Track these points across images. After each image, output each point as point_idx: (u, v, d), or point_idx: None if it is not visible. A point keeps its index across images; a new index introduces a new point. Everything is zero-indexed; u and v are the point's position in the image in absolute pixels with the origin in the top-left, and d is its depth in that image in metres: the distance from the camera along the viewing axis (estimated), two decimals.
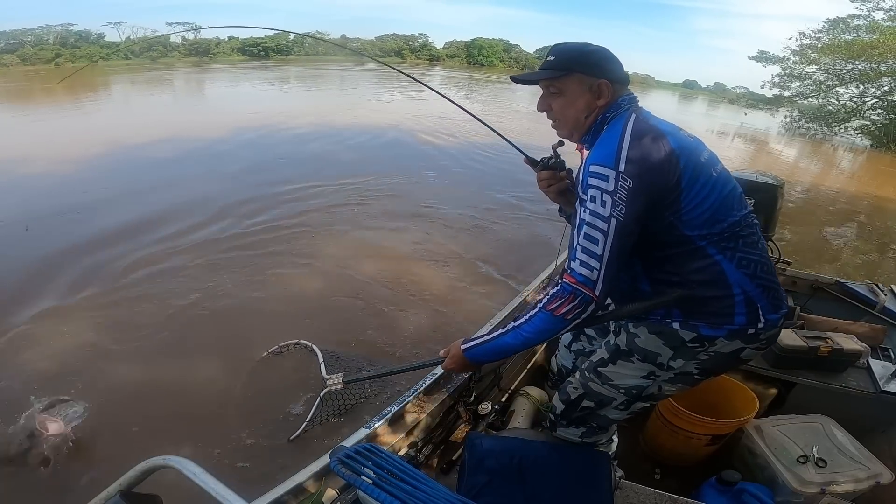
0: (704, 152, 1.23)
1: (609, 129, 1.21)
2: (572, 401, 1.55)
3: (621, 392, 1.44)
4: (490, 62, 59.69)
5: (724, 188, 1.21)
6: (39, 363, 3.03)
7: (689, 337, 1.26)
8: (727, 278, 1.21)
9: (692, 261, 1.21)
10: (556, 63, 1.27)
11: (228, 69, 36.16)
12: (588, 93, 1.26)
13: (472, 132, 10.97)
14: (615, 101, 1.26)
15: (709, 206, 1.17)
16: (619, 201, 1.08)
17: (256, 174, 7.32)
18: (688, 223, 1.17)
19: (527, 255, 5.04)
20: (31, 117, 13.23)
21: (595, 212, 1.10)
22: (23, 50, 37.84)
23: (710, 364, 1.31)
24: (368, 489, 0.94)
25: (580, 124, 1.30)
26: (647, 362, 1.35)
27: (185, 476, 0.91)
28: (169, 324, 3.57)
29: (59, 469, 2.25)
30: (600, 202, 1.09)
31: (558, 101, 1.30)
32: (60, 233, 4.95)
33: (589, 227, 1.10)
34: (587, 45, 1.28)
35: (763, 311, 1.23)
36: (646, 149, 1.12)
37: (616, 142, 1.12)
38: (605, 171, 1.10)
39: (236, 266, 4.46)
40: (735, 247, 1.20)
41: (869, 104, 21.59)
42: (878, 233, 7.72)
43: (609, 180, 1.09)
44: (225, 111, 14.68)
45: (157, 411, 2.69)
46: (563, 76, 1.26)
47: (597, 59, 1.26)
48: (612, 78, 1.26)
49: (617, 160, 1.09)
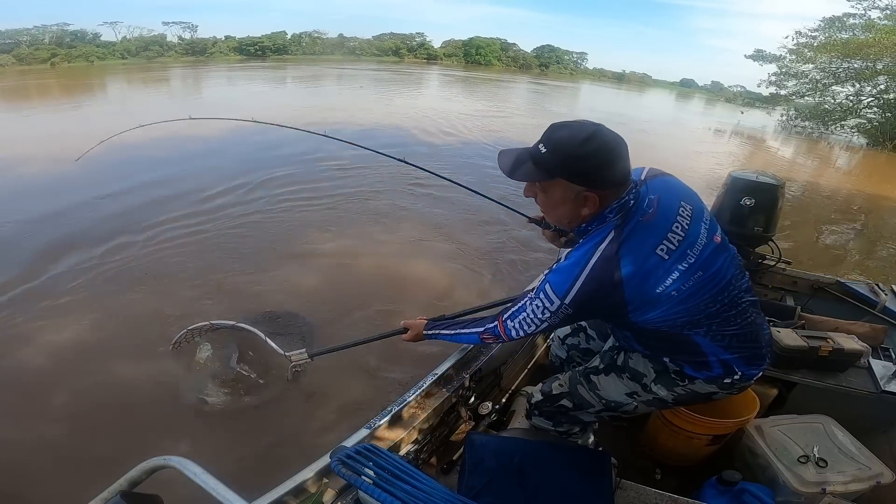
0: (676, 270, 1.17)
1: (583, 246, 1.20)
2: (552, 395, 1.63)
3: (602, 402, 1.52)
4: (488, 61, 59.70)
5: (699, 294, 1.20)
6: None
7: (673, 369, 1.36)
8: (701, 349, 1.28)
9: (667, 338, 1.28)
10: (543, 160, 1.16)
11: (242, 69, 35.98)
12: (573, 200, 1.18)
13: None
14: (602, 213, 1.19)
15: (668, 314, 1.20)
16: (556, 317, 1.23)
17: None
18: (646, 326, 1.24)
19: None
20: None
21: (536, 312, 1.26)
22: (19, 50, 37.62)
23: (685, 398, 1.41)
24: (369, 489, 0.94)
25: (563, 225, 1.35)
26: (634, 381, 1.44)
27: (186, 476, 0.91)
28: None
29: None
30: (542, 311, 1.24)
31: (541, 197, 1.26)
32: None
33: (528, 315, 1.28)
34: (588, 139, 1.11)
35: (740, 369, 1.31)
36: (593, 293, 1.17)
37: (574, 277, 1.17)
38: (553, 298, 1.20)
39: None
40: (707, 327, 1.25)
41: (865, 102, 21.65)
42: (875, 231, 7.75)
43: (553, 304, 1.21)
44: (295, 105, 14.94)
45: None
46: (548, 179, 1.19)
47: (588, 169, 1.13)
48: (603, 187, 1.16)
49: (566, 294, 1.18)
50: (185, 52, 48.04)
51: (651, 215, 1.19)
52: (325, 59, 49.58)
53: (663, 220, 1.19)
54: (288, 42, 54.53)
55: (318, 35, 58.74)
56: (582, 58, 70.06)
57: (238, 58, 49.25)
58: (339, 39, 60.17)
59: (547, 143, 1.15)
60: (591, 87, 46.91)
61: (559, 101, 25.28)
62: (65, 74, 29.66)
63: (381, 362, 3.14)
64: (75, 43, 42.52)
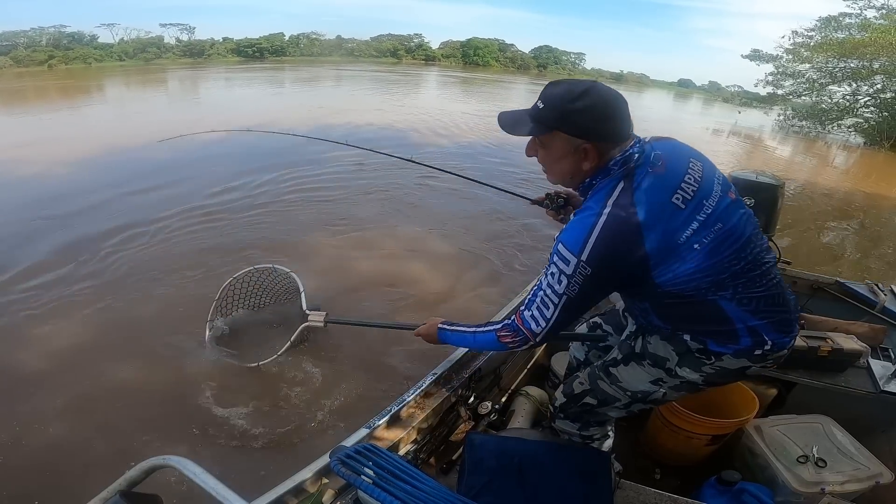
0: (696, 220, 1.14)
1: (591, 201, 1.17)
2: (575, 395, 1.56)
3: (627, 394, 1.44)
4: (486, 62, 59.80)
5: (721, 248, 1.16)
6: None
7: (696, 348, 1.27)
8: (727, 315, 1.21)
9: (690, 305, 1.21)
10: (541, 115, 1.17)
11: (246, 70, 35.94)
12: (573, 154, 1.18)
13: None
14: (606, 166, 1.18)
15: (694, 273, 1.15)
16: (574, 284, 1.14)
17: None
18: (670, 289, 1.18)
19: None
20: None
21: (552, 285, 1.18)
22: (15, 52, 37.58)
23: (716, 377, 1.32)
24: (368, 489, 0.94)
25: (567, 180, 1.28)
26: (657, 367, 1.36)
27: (186, 476, 0.91)
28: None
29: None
30: (558, 279, 1.16)
31: (542, 154, 1.25)
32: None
33: (544, 294, 1.20)
34: (583, 93, 1.12)
35: (770, 337, 1.23)
36: (612, 244, 1.11)
37: (587, 230, 1.11)
38: (569, 256, 1.13)
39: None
40: (734, 288, 1.19)
41: (862, 102, 21.70)
42: (873, 230, 7.77)
43: (570, 264, 1.13)
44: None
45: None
46: (546, 132, 1.19)
47: (585, 120, 1.13)
48: (602, 139, 1.15)
49: (582, 249, 1.11)
50: (182, 54, 48.02)
51: (660, 168, 1.16)
52: (323, 61, 49.58)
53: (673, 173, 1.16)
54: (286, 44, 54.58)
55: (316, 36, 58.83)
56: (580, 58, 70.27)
57: (236, 59, 49.24)
58: (337, 41, 60.25)
59: (544, 99, 1.17)
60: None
61: None
62: (77, 76, 29.83)
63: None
64: (72, 45, 42.50)
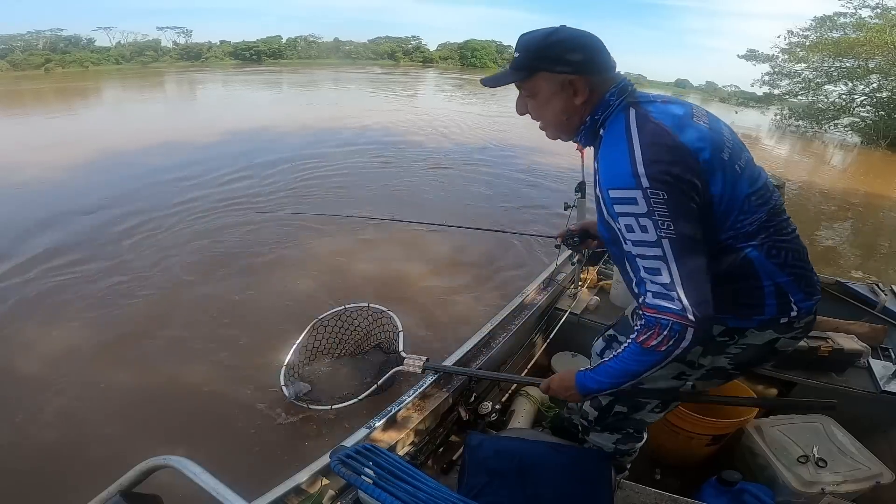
0: (727, 145, 1.07)
1: (609, 136, 1.08)
2: (604, 406, 1.48)
3: (654, 394, 1.38)
4: (483, 63, 59.87)
5: (753, 182, 1.10)
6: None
7: (717, 331, 1.17)
8: (756, 270, 1.10)
9: (718, 257, 1.09)
10: (519, 62, 1.13)
11: (252, 73, 36.19)
12: (561, 91, 1.12)
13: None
14: (602, 99, 1.11)
15: (737, 205, 1.06)
16: (662, 218, 0.95)
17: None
18: (717, 226, 1.07)
19: None
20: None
21: (640, 241, 0.98)
22: (12, 55, 37.55)
23: (745, 357, 1.22)
24: (369, 489, 0.94)
25: (563, 126, 1.19)
26: (678, 362, 1.21)
27: (186, 476, 0.91)
28: None
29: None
30: (639, 228, 0.97)
31: (532, 104, 1.19)
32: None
33: (642, 259, 1.00)
34: (553, 32, 1.10)
35: (795, 300, 1.13)
36: (662, 152, 0.98)
37: (626, 154, 0.99)
38: (629, 194, 0.97)
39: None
40: (766, 236, 1.10)
41: (858, 101, 21.74)
42: (872, 229, 7.78)
43: (638, 202, 0.96)
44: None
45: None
46: (528, 77, 1.13)
47: (560, 52, 1.08)
48: (586, 70, 1.09)
49: (637, 177, 0.96)
50: (179, 57, 48.04)
51: (661, 101, 1.11)
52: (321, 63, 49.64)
53: (678, 103, 1.12)
54: (283, 46, 54.61)
55: (314, 39, 58.87)
56: None
57: (233, 62, 49.26)
58: (334, 43, 60.36)
59: (519, 47, 1.13)
60: None
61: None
62: (92, 77, 30.02)
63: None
64: (69, 48, 42.50)
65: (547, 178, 8.42)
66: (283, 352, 2.49)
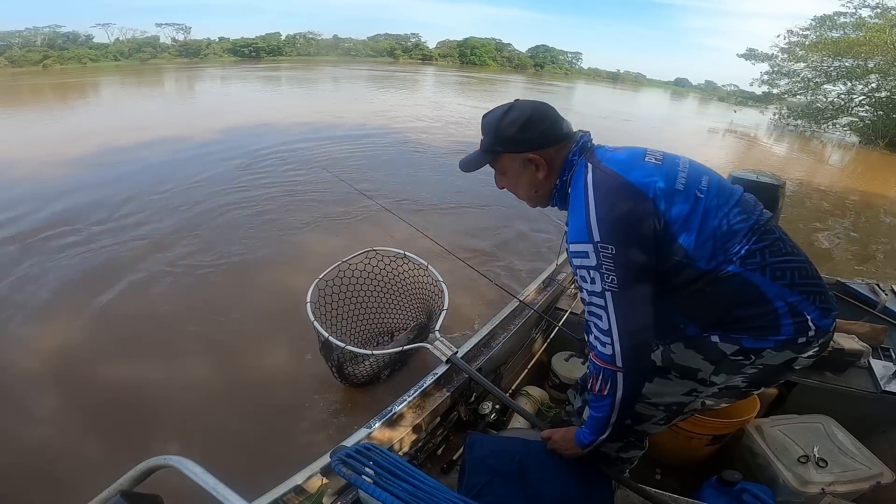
0: (680, 176, 1.09)
1: (573, 194, 1.14)
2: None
3: (660, 409, 1.33)
4: (483, 61, 59.80)
5: (724, 203, 1.10)
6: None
7: (731, 350, 1.14)
8: (763, 293, 1.09)
9: (722, 288, 1.09)
10: (485, 144, 1.23)
11: (258, 70, 36.09)
12: (524, 168, 1.21)
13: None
14: (566, 160, 1.18)
15: (712, 233, 1.07)
16: (608, 272, 1.03)
17: None
18: (698, 258, 1.07)
19: None
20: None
21: (590, 291, 1.06)
22: (10, 52, 37.39)
23: (761, 376, 1.19)
24: (369, 488, 0.93)
25: (535, 198, 1.28)
26: (688, 379, 1.24)
27: (186, 476, 0.90)
28: None
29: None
30: (590, 280, 1.05)
31: (504, 181, 1.28)
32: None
33: (590, 306, 1.08)
34: (506, 112, 1.18)
35: (812, 318, 1.10)
36: (612, 197, 1.05)
37: (582, 210, 1.06)
38: (583, 248, 1.05)
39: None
40: (762, 259, 1.09)
41: (857, 101, 21.78)
42: (871, 229, 7.79)
43: (589, 255, 1.04)
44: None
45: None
46: (495, 159, 1.23)
47: (516, 132, 1.17)
48: (543, 144, 1.17)
49: (589, 231, 1.03)
50: (178, 54, 47.85)
51: (615, 150, 1.18)
52: (320, 60, 49.55)
53: (632, 148, 1.18)
54: (282, 43, 54.43)
55: (313, 36, 58.70)
56: (577, 57, 70.48)
57: (232, 59, 49.10)
58: (333, 40, 60.18)
59: (482, 130, 1.23)
60: (587, 87, 46.99)
61: (566, 100, 25.99)
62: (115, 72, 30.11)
63: None
64: (67, 45, 42.31)
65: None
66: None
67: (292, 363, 3.11)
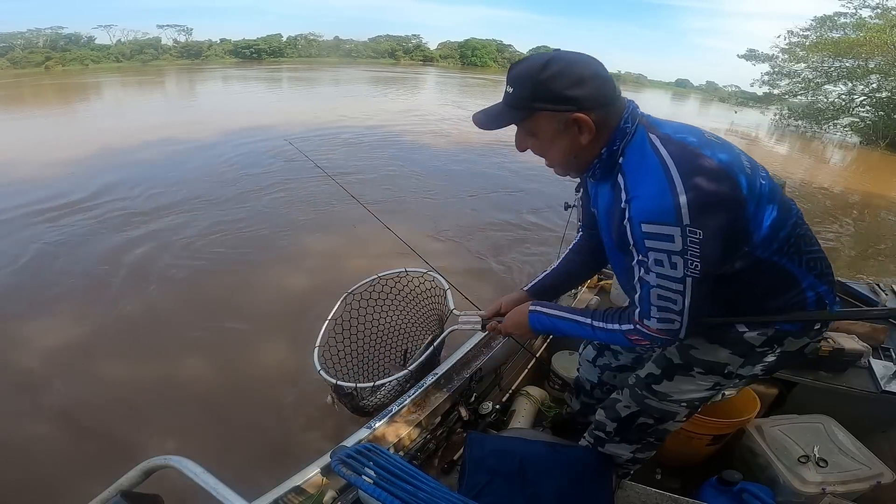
0: (743, 158, 1.03)
1: (636, 164, 1.00)
2: (624, 418, 1.45)
3: (683, 406, 1.33)
4: (484, 63, 59.75)
5: (775, 191, 1.06)
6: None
7: (760, 341, 1.15)
8: (799, 282, 1.10)
9: (763, 275, 1.08)
10: (514, 99, 1.02)
11: (263, 70, 36.43)
12: (565, 131, 1.02)
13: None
14: (617, 128, 1.02)
15: (771, 221, 1.03)
16: (692, 258, 0.93)
17: None
18: (760, 245, 1.04)
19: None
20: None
21: (664, 275, 0.96)
22: (12, 53, 37.49)
23: (776, 364, 1.22)
24: (369, 489, 0.93)
25: (572, 165, 1.10)
26: (713, 374, 1.23)
27: (186, 476, 0.90)
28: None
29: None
30: (669, 265, 0.95)
31: (533, 143, 1.09)
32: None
33: (659, 288, 0.99)
34: (548, 63, 0.98)
35: (830, 307, 1.14)
36: (706, 187, 0.92)
37: (666, 188, 0.92)
38: (667, 231, 0.92)
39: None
40: (799, 249, 1.09)
41: (857, 101, 21.75)
42: (871, 229, 7.79)
43: (675, 239, 0.92)
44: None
45: None
46: (527, 117, 1.03)
47: (560, 87, 0.97)
48: (591, 105, 0.99)
49: (678, 213, 0.91)
50: (180, 56, 47.94)
51: (670, 123, 1.06)
52: (322, 62, 49.60)
53: (690, 126, 1.07)
54: (283, 44, 54.48)
55: (314, 37, 58.79)
56: None
57: (233, 60, 49.14)
58: (334, 42, 60.27)
59: (512, 82, 1.03)
60: None
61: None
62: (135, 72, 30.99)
63: None
64: (69, 46, 42.42)
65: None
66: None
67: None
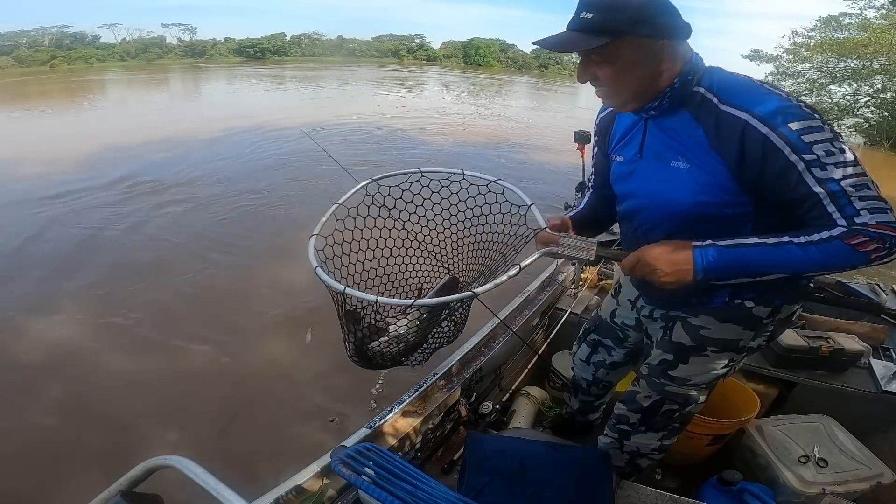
0: None
1: (735, 86, 1.02)
2: (647, 408, 1.46)
3: (703, 388, 1.37)
4: (487, 62, 59.72)
5: None
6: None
7: (766, 313, 1.18)
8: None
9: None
10: (596, 23, 0.97)
11: (270, 69, 36.87)
12: (647, 59, 1.01)
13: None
14: (689, 60, 1.04)
15: None
16: (845, 145, 0.95)
17: None
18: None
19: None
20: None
21: (843, 162, 0.93)
22: (18, 52, 37.65)
23: (774, 333, 1.26)
24: (369, 489, 0.93)
25: (643, 94, 1.07)
26: (728, 351, 1.25)
27: (186, 476, 0.91)
28: None
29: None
30: (838, 150, 0.94)
31: (606, 71, 1.04)
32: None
33: (852, 178, 0.94)
34: None
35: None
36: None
37: (773, 94, 0.97)
38: (813, 123, 0.94)
39: None
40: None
41: (862, 102, 21.63)
42: None
43: (824, 129, 0.94)
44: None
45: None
46: (608, 43, 0.98)
47: (650, 14, 0.97)
48: (676, 35, 1.01)
49: (805, 108, 0.96)
50: (184, 54, 48.06)
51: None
52: (326, 61, 49.62)
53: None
54: (287, 44, 54.58)
55: (318, 37, 58.87)
56: None
57: (237, 59, 49.22)
58: (338, 41, 60.32)
59: (590, 8, 0.98)
60: (593, 88, 46.75)
61: (572, 99, 26.37)
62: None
63: None
64: (74, 45, 42.58)
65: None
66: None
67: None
